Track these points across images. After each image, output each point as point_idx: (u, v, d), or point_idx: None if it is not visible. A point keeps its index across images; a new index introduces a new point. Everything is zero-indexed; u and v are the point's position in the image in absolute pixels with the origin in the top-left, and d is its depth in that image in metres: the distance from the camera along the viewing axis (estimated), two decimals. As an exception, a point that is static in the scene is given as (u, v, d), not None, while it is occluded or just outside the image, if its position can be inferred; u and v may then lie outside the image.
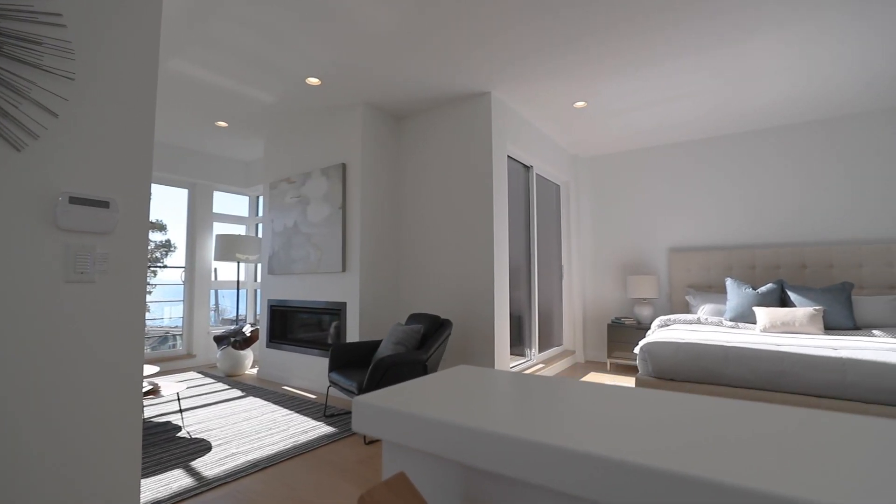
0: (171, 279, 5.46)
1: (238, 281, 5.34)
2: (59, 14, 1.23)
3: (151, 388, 2.77)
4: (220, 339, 4.69)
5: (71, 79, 1.25)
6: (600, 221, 5.28)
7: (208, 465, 2.32)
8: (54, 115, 1.21)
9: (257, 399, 3.62)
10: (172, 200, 5.85)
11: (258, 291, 5.90)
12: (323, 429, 2.89)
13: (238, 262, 5.17)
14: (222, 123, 4.34)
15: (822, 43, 2.82)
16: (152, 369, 3.32)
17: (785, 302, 3.68)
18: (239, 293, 5.39)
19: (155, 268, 5.93)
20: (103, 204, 1.29)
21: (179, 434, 2.80)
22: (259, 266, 5.86)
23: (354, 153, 3.81)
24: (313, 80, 3.38)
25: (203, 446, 2.59)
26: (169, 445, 2.61)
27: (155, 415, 3.21)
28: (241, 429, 2.89)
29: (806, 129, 4.18)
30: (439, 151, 3.89)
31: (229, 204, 5.84)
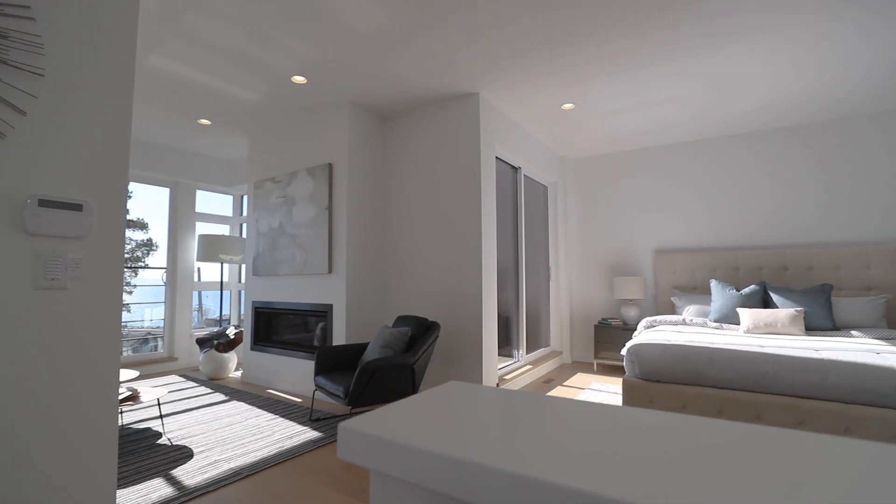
0: (153, 279, 5.33)
1: (222, 282, 5.24)
2: (27, 6, 1.17)
3: (130, 394, 2.68)
4: (203, 342, 4.59)
5: (41, 75, 1.19)
6: (587, 223, 5.31)
7: (189, 474, 2.25)
8: (22, 113, 1.15)
9: (241, 403, 3.55)
10: (153, 199, 5.73)
11: (242, 293, 5.80)
12: (309, 434, 2.84)
13: (222, 263, 5.07)
14: (205, 121, 4.24)
15: (804, 50, 2.87)
16: (132, 374, 3.22)
17: (767, 303, 3.74)
18: (223, 294, 5.28)
19: (136, 267, 5.79)
20: (76, 207, 1.24)
21: (160, 441, 2.72)
22: (243, 267, 5.75)
23: (341, 153, 3.75)
24: (299, 79, 3.32)
25: (184, 454, 2.52)
26: (149, 453, 2.53)
27: (134, 421, 3.12)
28: (224, 435, 2.83)
29: (788, 134, 4.26)
30: (427, 152, 3.86)
31: (213, 203, 5.73)
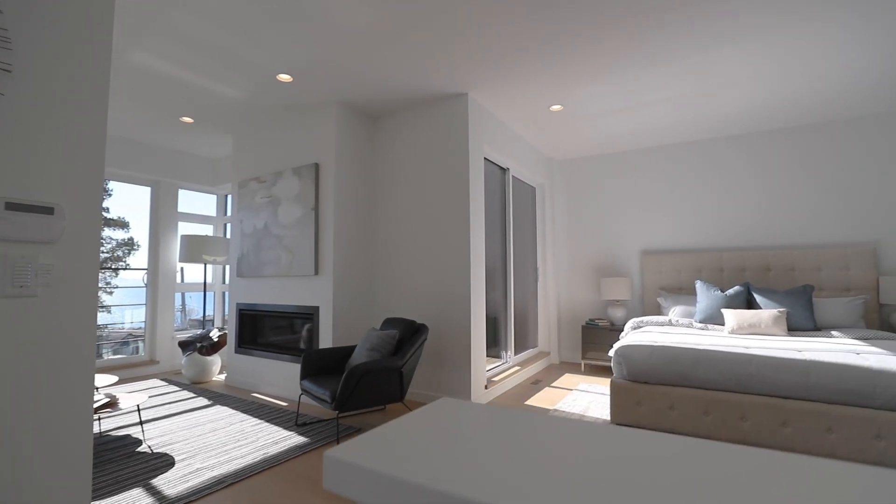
0: (134, 280, 5.20)
1: (205, 283, 5.13)
2: (-7, -1, 1.11)
3: (108, 400, 2.60)
4: (186, 345, 4.49)
5: (8, 71, 1.13)
6: (575, 224, 5.34)
7: (171, 483, 2.19)
8: (-12, 111, 1.10)
9: (225, 408, 3.47)
10: (134, 197, 5.55)
11: (226, 294, 5.69)
12: (295, 439, 2.79)
13: (205, 264, 4.96)
14: (188, 119, 4.14)
15: (791, 54, 2.91)
16: (110, 379, 3.13)
17: (751, 304, 3.80)
18: (206, 296, 5.17)
19: (117, 269, 5.63)
20: (46, 210, 1.18)
21: (140, 449, 2.64)
22: (227, 268, 5.64)
23: (328, 153, 3.70)
24: (284, 77, 3.25)
25: (165, 461, 2.45)
26: (128, 461, 2.45)
27: (113, 428, 3.03)
28: (207, 441, 2.76)
29: (772, 137, 4.33)
30: (415, 152, 3.83)
31: (195, 203, 5.60)
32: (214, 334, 4.57)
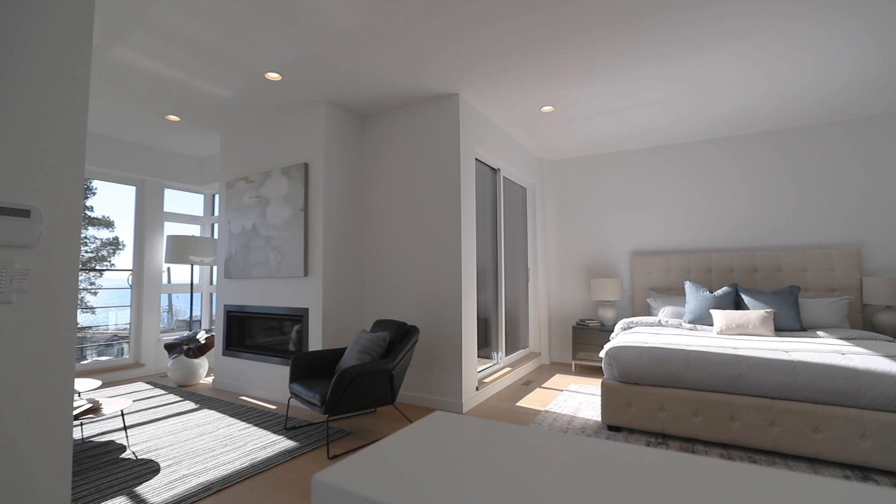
0: (120, 280, 5.09)
1: (192, 284, 5.04)
2: (-35, -7, 1.06)
3: (91, 406, 2.53)
4: (172, 348, 4.41)
5: (-19, 69, 1.09)
6: (565, 225, 5.35)
7: (155, 491, 2.14)
8: (-40, 110, 1.05)
9: (212, 412, 3.41)
10: (119, 196, 5.44)
11: (214, 296, 5.60)
12: (284, 443, 2.75)
13: (192, 265, 4.88)
14: (174, 117, 4.06)
15: (779, 58, 2.94)
16: (93, 384, 3.06)
17: (739, 304, 3.84)
18: (193, 297, 5.09)
19: (101, 270, 5.50)
20: (22, 213, 1.13)
21: (124, 455, 2.58)
22: (215, 269, 5.56)
23: (317, 152, 3.65)
24: (273, 75, 3.21)
25: (150, 468, 2.40)
26: (111, 469, 2.39)
27: (95, 434, 2.95)
28: (194, 446, 2.71)
29: (761, 139, 4.39)
30: (406, 152, 3.80)
31: (182, 203, 5.51)
32: (202, 336, 4.49)
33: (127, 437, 2.77)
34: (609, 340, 4.42)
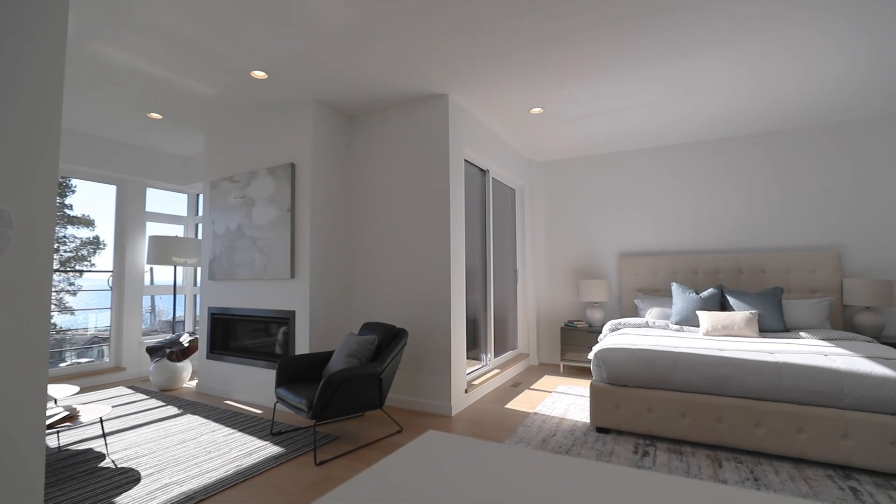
0: (101, 280, 4.95)
1: (175, 286, 4.93)
2: (-72, -15, 1.01)
3: (68, 413, 2.45)
4: (154, 351, 4.30)
5: (-54, 65, 1.03)
6: (554, 226, 5.37)
7: (136, 501, 2.07)
8: (-78, 108, 0.99)
9: (196, 417, 3.34)
10: (99, 195, 5.30)
11: (198, 297, 5.49)
12: (270, 449, 2.70)
13: (175, 266, 4.77)
14: (156, 115, 3.96)
15: (768, 62, 2.98)
16: (71, 390, 2.96)
17: (724, 305, 3.89)
18: (176, 299, 4.98)
19: (80, 270, 5.35)
20: (-9, 217, 1.08)
21: (102, 464, 2.50)
22: (199, 270, 5.45)
23: (304, 152, 3.60)
24: (259, 74, 3.14)
25: (131, 477, 2.33)
26: (89, 479, 2.32)
27: (73, 442, 2.86)
28: (177, 454, 2.64)
29: (747, 142, 4.45)
30: (395, 153, 3.77)
31: (165, 202, 5.39)
32: (185, 339, 4.39)
33: (106, 444, 2.68)
34: (597, 341, 4.44)
